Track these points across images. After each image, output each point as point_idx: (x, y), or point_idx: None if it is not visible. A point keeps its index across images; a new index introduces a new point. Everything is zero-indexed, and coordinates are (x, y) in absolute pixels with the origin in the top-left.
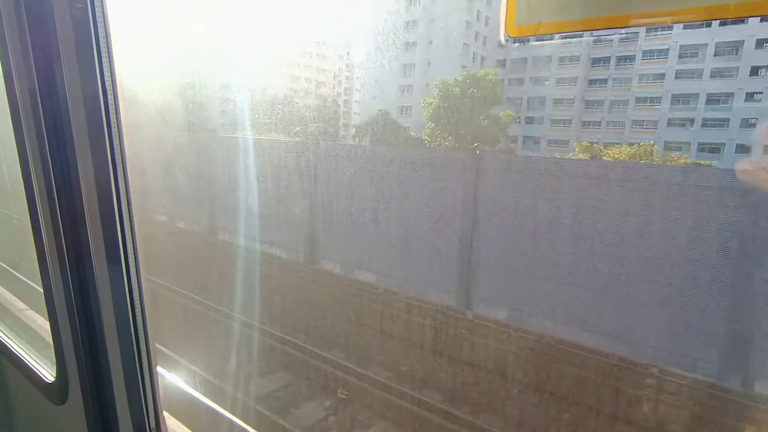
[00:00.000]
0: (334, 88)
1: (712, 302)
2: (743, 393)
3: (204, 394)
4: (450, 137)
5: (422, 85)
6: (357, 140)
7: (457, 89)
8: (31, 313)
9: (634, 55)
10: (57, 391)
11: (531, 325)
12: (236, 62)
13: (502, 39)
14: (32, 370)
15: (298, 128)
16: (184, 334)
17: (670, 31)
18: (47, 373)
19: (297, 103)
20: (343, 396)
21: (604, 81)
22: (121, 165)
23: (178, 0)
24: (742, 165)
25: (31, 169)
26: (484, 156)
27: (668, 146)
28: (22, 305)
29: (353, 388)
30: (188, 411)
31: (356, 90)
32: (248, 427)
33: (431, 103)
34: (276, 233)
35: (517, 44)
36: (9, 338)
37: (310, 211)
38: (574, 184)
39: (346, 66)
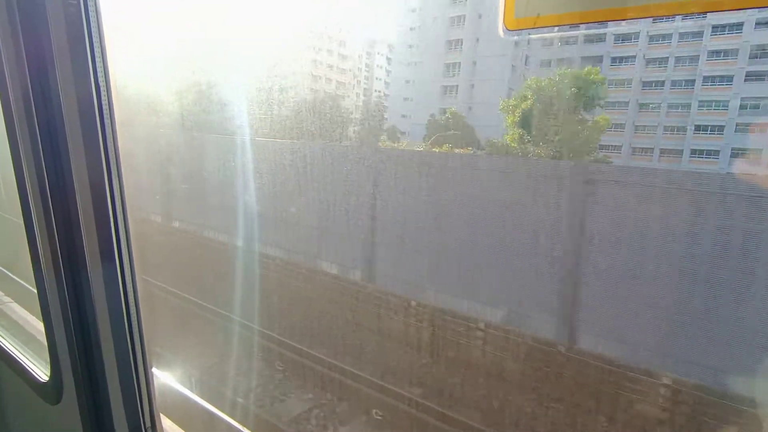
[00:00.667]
0: (353, 88)
1: None
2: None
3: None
4: (543, 144)
5: (468, 86)
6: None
7: (555, 90)
8: (24, 313)
9: (698, 56)
10: (51, 391)
11: None
12: (247, 62)
13: (501, 32)
14: (26, 369)
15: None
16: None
17: (740, 30)
18: (41, 372)
19: (341, 106)
20: None
21: (661, 83)
22: (115, 165)
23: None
24: None
25: (25, 169)
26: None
27: (735, 153)
28: (14, 305)
29: None
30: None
31: (376, 91)
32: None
33: (517, 105)
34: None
35: (544, 42)
36: (2, 337)
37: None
38: None
39: (366, 66)
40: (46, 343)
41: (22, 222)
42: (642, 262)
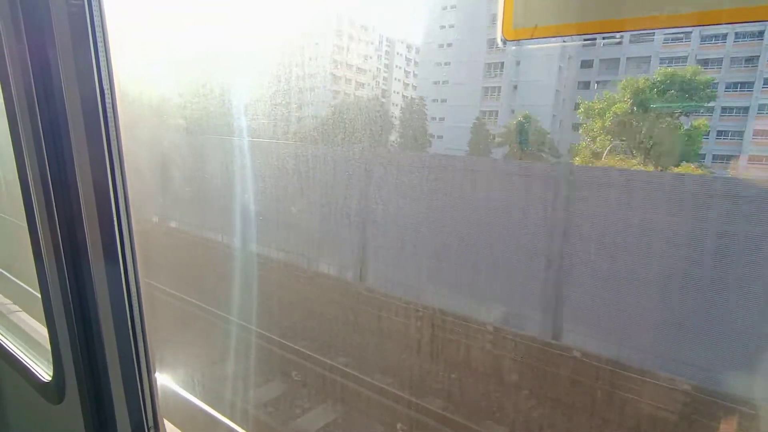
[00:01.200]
0: (373, 89)
1: None
2: None
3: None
4: (638, 153)
5: (511, 88)
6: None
7: (655, 92)
8: (24, 315)
9: (758, 56)
10: (54, 390)
11: None
12: (260, 62)
13: (499, 41)
14: (28, 369)
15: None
16: None
17: None
18: (44, 372)
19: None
20: None
21: (715, 84)
22: (118, 165)
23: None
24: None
25: (28, 169)
26: None
27: None
28: (15, 305)
29: None
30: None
31: (395, 92)
32: None
33: (605, 109)
34: None
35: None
36: (4, 337)
37: None
38: None
39: (385, 66)
40: (48, 344)
41: (22, 223)
42: None
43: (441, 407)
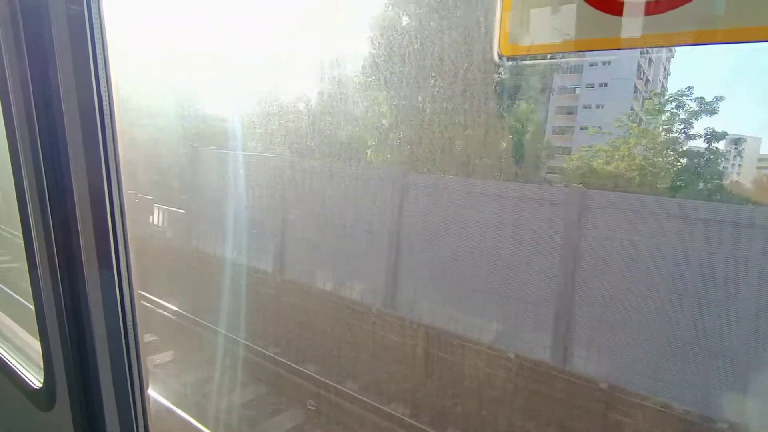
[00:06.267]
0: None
1: None
2: None
3: None
4: None
5: None
6: None
7: None
8: (14, 322)
9: None
10: (44, 398)
11: None
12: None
13: (496, 57)
14: (19, 375)
15: None
16: None
17: None
18: (34, 379)
19: None
20: None
21: None
22: (115, 173)
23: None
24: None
25: (24, 176)
26: None
27: None
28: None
29: None
30: None
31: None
32: None
33: None
34: None
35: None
36: None
37: None
38: None
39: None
40: (39, 351)
41: (13, 232)
42: None
43: None
